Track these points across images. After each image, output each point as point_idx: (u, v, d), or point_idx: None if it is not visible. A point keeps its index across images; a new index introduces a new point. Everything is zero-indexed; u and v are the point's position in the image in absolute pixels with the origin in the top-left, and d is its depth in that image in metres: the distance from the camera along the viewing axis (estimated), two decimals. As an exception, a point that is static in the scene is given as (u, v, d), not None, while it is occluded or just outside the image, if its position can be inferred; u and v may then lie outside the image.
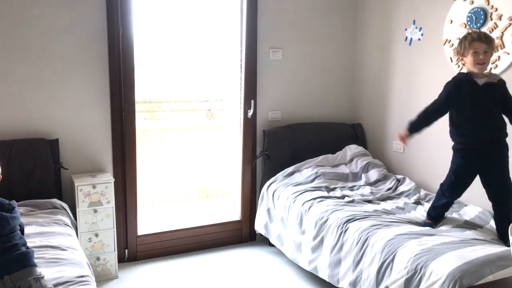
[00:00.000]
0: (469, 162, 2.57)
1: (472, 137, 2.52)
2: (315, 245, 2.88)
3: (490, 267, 2.07)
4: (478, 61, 2.42)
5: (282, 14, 3.68)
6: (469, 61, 2.46)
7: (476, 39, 2.41)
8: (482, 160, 2.54)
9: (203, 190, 4.78)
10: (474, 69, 2.45)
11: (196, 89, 4.16)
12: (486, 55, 2.42)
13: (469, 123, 2.52)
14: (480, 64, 2.43)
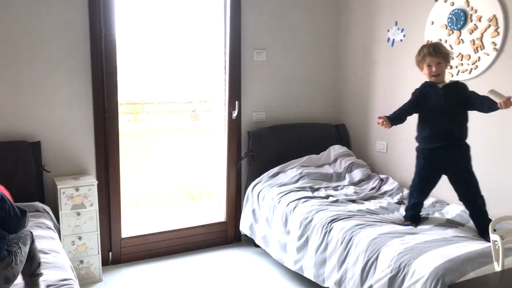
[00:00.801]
0: (431, 164, 2.67)
1: (433, 138, 2.63)
2: (300, 245, 2.90)
3: (471, 264, 2.11)
4: (432, 73, 2.59)
5: (265, 15, 3.69)
6: (425, 73, 2.64)
7: (427, 54, 2.59)
8: (443, 161, 2.63)
9: (188, 191, 4.76)
10: (431, 79, 2.62)
11: (180, 91, 4.15)
12: (440, 66, 2.58)
13: (433, 125, 2.63)
14: (434, 76, 2.59)
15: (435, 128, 2.62)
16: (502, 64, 2.75)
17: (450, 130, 2.61)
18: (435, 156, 2.64)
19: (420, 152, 2.71)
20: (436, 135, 2.62)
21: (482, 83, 2.85)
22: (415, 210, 2.74)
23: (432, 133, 2.63)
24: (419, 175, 2.73)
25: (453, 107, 2.59)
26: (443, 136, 2.61)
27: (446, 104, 2.58)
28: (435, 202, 3.05)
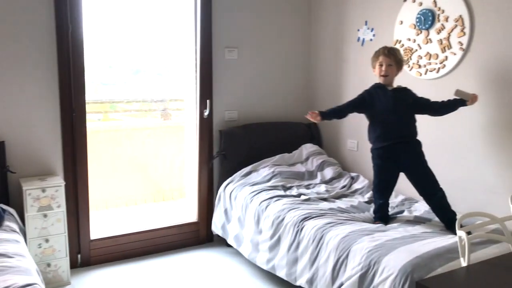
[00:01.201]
0: (387, 163, 2.76)
1: (386, 138, 2.72)
2: (272, 244, 2.89)
3: (439, 260, 2.14)
4: (381, 73, 2.70)
5: (237, 13, 3.68)
6: (376, 72, 2.75)
7: (381, 53, 2.71)
8: (398, 158, 2.72)
9: (159, 192, 4.71)
10: (380, 80, 2.74)
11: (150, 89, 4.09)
12: (390, 68, 2.70)
13: (383, 125, 2.73)
14: (383, 76, 2.71)
15: (386, 128, 2.73)
16: (468, 63, 2.81)
17: (400, 130, 2.73)
18: (390, 153, 2.73)
19: (375, 152, 2.80)
20: (387, 134, 2.72)
21: (450, 82, 2.91)
22: (382, 211, 2.79)
23: (383, 132, 2.73)
24: (378, 176, 2.81)
25: (402, 109, 2.71)
26: (394, 135, 2.71)
27: (396, 106, 2.70)
28: (404, 200, 3.10)
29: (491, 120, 2.71)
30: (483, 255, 2.19)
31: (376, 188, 2.84)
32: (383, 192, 2.81)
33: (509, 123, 2.62)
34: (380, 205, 2.79)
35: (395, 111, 2.71)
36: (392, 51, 2.73)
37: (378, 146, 2.78)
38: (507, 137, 2.63)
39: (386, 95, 2.72)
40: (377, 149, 2.78)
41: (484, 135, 2.75)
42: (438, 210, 2.67)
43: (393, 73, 2.74)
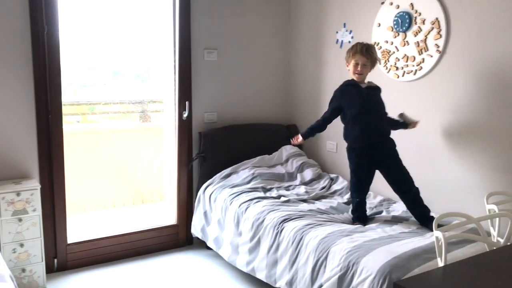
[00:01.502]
0: (364, 160, 2.78)
1: (363, 133, 2.74)
2: (252, 246, 2.89)
3: (417, 260, 2.16)
4: (356, 71, 2.73)
5: (216, 15, 3.66)
6: (350, 70, 2.77)
7: (359, 52, 2.72)
8: (376, 156, 2.75)
9: (139, 194, 4.66)
10: (354, 77, 2.76)
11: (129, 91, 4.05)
12: (365, 67, 2.73)
13: (360, 121, 2.74)
14: (358, 74, 2.73)
15: (365, 126, 2.74)
16: (444, 65, 2.85)
17: (378, 127, 2.77)
18: (368, 152, 2.75)
19: (353, 152, 2.81)
20: (367, 133, 2.74)
21: (427, 84, 2.95)
22: (360, 210, 2.80)
23: (363, 131, 2.74)
24: (356, 174, 2.82)
25: (376, 105, 2.77)
26: (373, 133, 2.74)
27: (371, 103, 2.74)
28: (382, 200, 3.13)
29: (466, 121, 2.75)
30: (459, 254, 2.22)
31: (354, 187, 2.85)
32: (360, 190, 2.83)
33: (483, 124, 2.66)
34: (358, 204, 2.81)
35: (372, 109, 2.74)
36: (369, 49, 2.73)
37: (355, 144, 2.79)
38: (482, 138, 2.68)
39: (361, 93, 2.73)
40: (355, 149, 2.79)
41: (459, 136, 2.79)
42: (413, 206, 2.72)
43: (367, 72, 2.77)
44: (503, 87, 2.54)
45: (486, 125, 2.66)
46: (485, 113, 2.66)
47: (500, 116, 2.58)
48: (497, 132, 2.60)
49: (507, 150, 2.56)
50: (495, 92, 2.59)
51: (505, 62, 2.52)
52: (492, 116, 2.62)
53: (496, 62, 2.57)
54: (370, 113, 2.74)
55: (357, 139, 2.77)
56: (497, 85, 2.57)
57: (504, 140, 2.57)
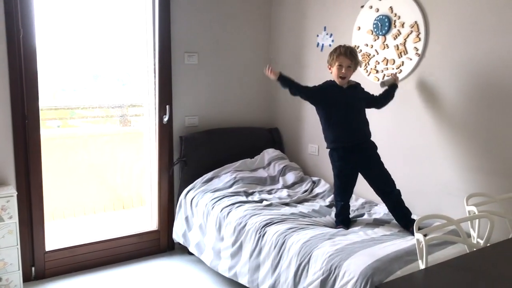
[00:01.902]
0: (347, 163, 2.77)
1: (346, 135, 2.74)
2: (234, 251, 2.86)
3: (399, 263, 2.17)
4: (340, 74, 2.71)
5: (197, 18, 3.64)
6: (334, 72, 2.75)
7: (343, 54, 2.70)
8: (358, 158, 2.75)
9: (119, 200, 4.59)
10: (337, 80, 2.74)
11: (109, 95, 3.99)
12: (348, 69, 2.72)
13: (341, 122, 2.74)
14: (341, 78, 2.71)
15: (346, 127, 2.74)
16: (423, 68, 2.87)
17: (359, 128, 2.77)
18: (350, 154, 2.75)
19: (335, 155, 2.80)
20: (348, 134, 2.74)
21: (406, 86, 2.97)
22: (344, 214, 2.80)
23: (344, 131, 2.74)
24: (339, 177, 2.82)
25: (358, 106, 2.76)
26: (354, 134, 2.74)
27: (352, 103, 2.74)
28: (364, 203, 3.14)
29: (446, 123, 2.78)
30: (440, 256, 2.24)
31: (338, 190, 2.84)
32: (344, 193, 2.83)
33: (463, 126, 2.69)
34: (342, 206, 2.81)
35: (352, 110, 2.74)
36: (353, 52, 2.74)
37: (337, 146, 2.77)
38: (462, 140, 2.70)
39: (342, 92, 2.73)
40: (337, 150, 2.78)
41: (440, 138, 2.82)
42: (395, 208, 2.73)
43: (350, 74, 2.75)
44: (482, 89, 2.57)
45: (466, 127, 2.68)
46: (465, 115, 2.69)
47: (480, 117, 2.61)
48: (477, 133, 2.63)
49: (486, 152, 2.59)
50: (474, 94, 2.62)
51: (484, 64, 2.56)
52: (471, 118, 2.65)
53: (474, 64, 2.60)
54: (351, 114, 2.73)
55: (339, 140, 2.76)
56: (477, 87, 2.60)
57: (484, 142, 2.60)
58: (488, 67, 2.53)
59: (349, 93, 2.75)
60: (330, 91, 2.75)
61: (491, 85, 2.53)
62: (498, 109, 2.51)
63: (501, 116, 2.50)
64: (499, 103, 2.50)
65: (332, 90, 2.75)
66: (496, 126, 2.52)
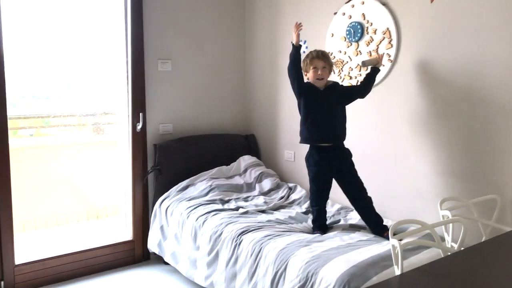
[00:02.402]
0: (322, 168, 2.77)
1: (319, 136, 2.74)
2: (211, 260, 2.82)
3: (375, 268, 2.17)
4: (317, 76, 2.72)
5: (170, 25, 3.61)
6: (310, 77, 2.75)
7: (315, 57, 2.74)
8: (333, 163, 2.76)
9: (93, 210, 4.49)
10: (315, 83, 2.74)
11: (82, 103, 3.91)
12: (324, 70, 2.73)
13: (317, 124, 2.73)
14: (319, 79, 2.72)
15: (321, 129, 2.73)
16: (396, 74, 2.90)
17: (335, 130, 2.75)
18: (326, 160, 2.74)
19: (311, 160, 2.79)
20: (322, 135, 2.73)
21: (379, 92, 2.99)
22: (321, 219, 2.80)
23: (318, 133, 2.73)
24: (315, 182, 2.81)
25: (335, 107, 2.74)
26: (328, 136, 2.73)
27: (329, 105, 2.72)
28: (340, 208, 3.14)
29: (419, 129, 2.81)
30: (415, 261, 2.25)
31: (313, 195, 2.84)
32: (320, 198, 2.82)
33: (436, 131, 2.72)
34: (318, 212, 2.80)
35: (330, 111, 2.72)
36: (325, 53, 2.77)
37: (313, 144, 2.76)
38: (435, 145, 2.73)
39: (320, 95, 2.73)
40: (312, 155, 2.77)
41: (414, 143, 2.84)
42: (367, 215, 2.74)
43: (327, 76, 2.76)
44: (454, 94, 2.61)
45: (438, 132, 2.72)
46: (437, 120, 2.72)
47: (451, 122, 2.64)
48: (449, 138, 2.66)
49: (458, 156, 2.62)
50: (447, 100, 2.65)
51: (456, 69, 2.59)
52: (444, 123, 2.68)
53: (446, 70, 2.64)
54: (327, 116, 2.72)
55: (310, 139, 2.76)
56: (449, 93, 2.64)
57: (456, 146, 2.63)
58: (460, 72, 2.57)
59: (327, 95, 2.74)
60: (309, 91, 2.74)
61: (463, 91, 2.57)
62: (470, 114, 2.55)
63: (472, 121, 2.54)
64: (471, 108, 2.54)
65: (310, 90, 2.74)
66: (468, 131, 2.56)
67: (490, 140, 2.46)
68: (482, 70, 2.46)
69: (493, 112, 2.44)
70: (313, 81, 2.75)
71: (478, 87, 2.49)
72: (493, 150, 2.45)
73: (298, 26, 2.75)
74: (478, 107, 2.50)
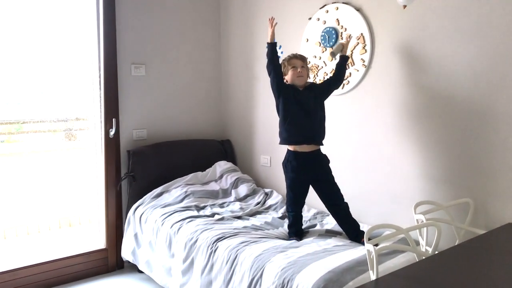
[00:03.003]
0: (300, 175, 2.75)
1: (298, 135, 2.71)
2: (186, 268, 2.78)
3: (351, 273, 2.16)
4: (297, 74, 2.72)
5: (144, 29, 3.56)
6: (290, 77, 2.74)
7: (293, 57, 2.77)
8: (310, 170, 2.74)
9: (65, 218, 4.38)
10: (295, 82, 2.73)
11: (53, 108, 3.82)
12: (303, 69, 2.74)
13: (295, 124, 2.70)
14: (299, 77, 2.72)
15: (299, 128, 2.70)
16: (370, 79, 2.92)
17: (314, 130, 2.72)
18: (303, 166, 2.72)
19: (288, 166, 2.77)
20: (300, 135, 2.70)
21: (354, 97, 3.01)
22: (297, 225, 2.78)
23: (297, 132, 2.70)
24: (292, 188, 2.79)
25: (314, 107, 2.71)
26: (308, 136, 2.70)
27: (308, 104, 2.69)
28: (316, 213, 3.14)
29: (393, 133, 2.83)
30: (390, 265, 2.25)
31: (290, 201, 2.82)
32: (296, 204, 2.81)
33: (410, 135, 2.75)
34: (294, 218, 2.79)
35: (309, 111, 2.69)
36: (301, 55, 2.80)
37: (288, 143, 2.75)
38: (408, 149, 2.76)
39: (300, 95, 2.70)
40: (290, 162, 2.75)
41: (387, 148, 2.86)
42: (343, 221, 2.73)
43: (307, 74, 2.75)
44: (428, 98, 2.63)
45: (413, 136, 2.74)
46: (411, 124, 2.74)
47: (425, 126, 2.67)
48: (423, 143, 2.69)
49: (431, 160, 2.65)
50: (420, 104, 2.68)
51: (429, 74, 2.62)
52: (418, 126, 2.71)
53: (420, 75, 2.67)
54: (306, 116, 2.69)
55: (288, 139, 2.74)
56: (422, 97, 2.66)
57: (429, 150, 2.66)
58: (433, 76, 2.60)
59: (306, 94, 2.71)
60: (287, 90, 2.72)
61: (436, 95, 2.60)
62: (444, 118, 2.58)
63: (445, 126, 2.57)
64: (445, 113, 2.57)
65: (289, 89, 2.72)
66: (441, 135, 2.59)
67: (463, 144, 2.49)
68: (455, 73, 2.49)
69: (466, 116, 2.47)
70: (292, 80, 2.73)
71: (451, 91, 2.52)
72: (465, 154, 2.48)
73: (272, 21, 2.77)
74: (452, 112, 2.53)
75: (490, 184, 2.39)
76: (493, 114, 2.36)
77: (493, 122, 2.36)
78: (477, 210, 2.43)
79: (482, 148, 2.41)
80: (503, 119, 2.32)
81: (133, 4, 3.49)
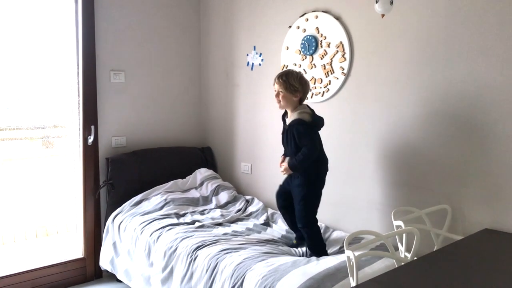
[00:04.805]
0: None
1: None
2: (165, 277, 2.75)
3: (331, 280, 2.16)
4: (276, 100, 2.64)
5: (123, 36, 3.53)
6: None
7: (275, 79, 2.61)
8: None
9: (42, 227, 4.30)
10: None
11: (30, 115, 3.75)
12: (278, 96, 2.59)
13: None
14: (278, 104, 2.64)
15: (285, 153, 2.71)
16: (349, 87, 2.95)
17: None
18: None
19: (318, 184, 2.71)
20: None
21: (333, 104, 3.03)
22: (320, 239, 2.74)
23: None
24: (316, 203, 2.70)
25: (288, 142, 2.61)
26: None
27: (284, 138, 2.65)
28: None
29: (371, 141, 2.85)
30: (370, 271, 2.27)
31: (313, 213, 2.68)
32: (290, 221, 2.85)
33: (388, 143, 2.78)
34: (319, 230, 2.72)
35: (286, 145, 2.67)
36: (282, 76, 2.57)
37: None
38: (387, 156, 2.78)
39: (284, 128, 2.67)
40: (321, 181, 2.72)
41: (366, 156, 2.89)
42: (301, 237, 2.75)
43: (285, 100, 2.57)
44: (405, 105, 2.67)
45: (390, 143, 2.77)
46: (389, 131, 2.77)
47: (403, 134, 2.70)
48: (402, 149, 2.72)
49: (409, 167, 2.68)
50: (397, 111, 2.71)
51: (407, 82, 2.66)
52: (396, 133, 2.74)
53: (398, 83, 2.70)
54: (284, 142, 2.68)
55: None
56: (400, 105, 2.70)
57: (406, 157, 2.69)
58: (411, 85, 2.63)
59: (286, 131, 2.63)
60: (282, 120, 2.72)
61: (414, 101, 2.63)
62: (421, 125, 2.61)
63: (422, 133, 2.60)
64: (423, 119, 2.60)
65: (283, 119, 2.71)
66: (418, 142, 2.62)
67: (440, 151, 2.53)
68: (431, 78, 2.53)
69: (443, 123, 2.51)
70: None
71: (428, 97, 2.56)
72: (442, 161, 2.52)
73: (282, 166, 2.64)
74: (429, 118, 2.57)
75: (466, 190, 2.43)
76: (467, 121, 2.40)
77: (467, 130, 2.40)
78: (455, 216, 2.47)
79: (458, 155, 2.45)
80: (478, 126, 2.36)
81: (112, 11, 3.46)
